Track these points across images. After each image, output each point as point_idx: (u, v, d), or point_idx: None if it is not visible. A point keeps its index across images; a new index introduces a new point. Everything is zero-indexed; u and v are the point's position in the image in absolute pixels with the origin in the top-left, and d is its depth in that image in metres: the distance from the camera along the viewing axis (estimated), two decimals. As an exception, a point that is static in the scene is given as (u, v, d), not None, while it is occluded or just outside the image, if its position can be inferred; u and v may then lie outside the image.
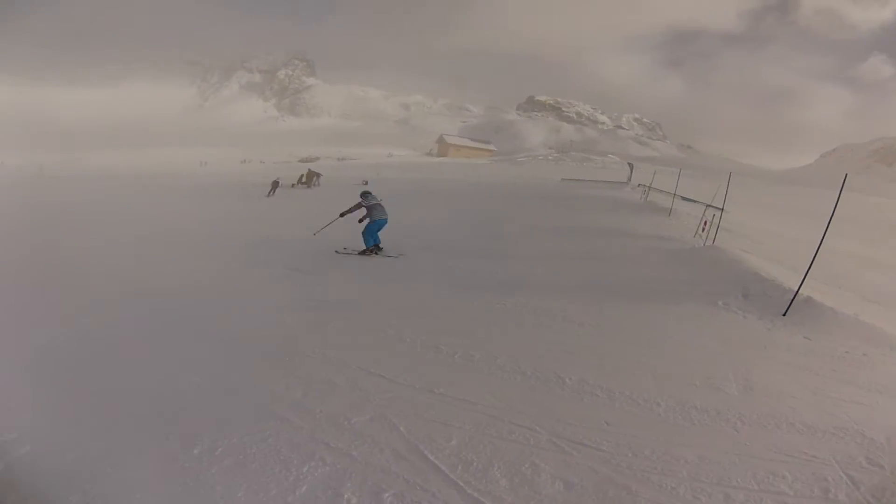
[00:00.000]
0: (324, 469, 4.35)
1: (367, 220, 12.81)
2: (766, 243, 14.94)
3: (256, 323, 8.27)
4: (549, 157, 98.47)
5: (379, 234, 12.87)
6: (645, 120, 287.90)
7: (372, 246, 12.83)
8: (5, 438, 4.73)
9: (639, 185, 28.38)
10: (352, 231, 13.53)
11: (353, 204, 13.18)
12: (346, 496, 4.03)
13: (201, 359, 6.74)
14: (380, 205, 13.04)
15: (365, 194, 13.24)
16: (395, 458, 4.49)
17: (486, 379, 6.14)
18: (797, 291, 8.71)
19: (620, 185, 30.59)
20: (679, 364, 6.60)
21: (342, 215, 13.25)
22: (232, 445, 4.67)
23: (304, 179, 35.03)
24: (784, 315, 8.45)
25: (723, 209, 14.34)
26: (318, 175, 35.74)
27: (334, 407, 5.37)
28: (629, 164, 43.31)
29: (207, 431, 4.88)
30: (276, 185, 31.92)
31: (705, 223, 14.03)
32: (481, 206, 23.32)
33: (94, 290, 10.05)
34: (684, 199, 20.38)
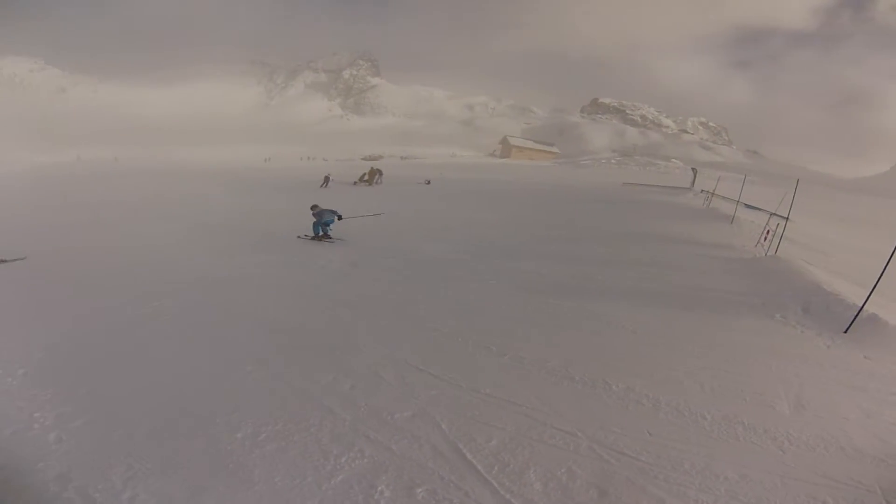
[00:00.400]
0: (362, 461, 4.51)
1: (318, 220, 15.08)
2: (831, 255, 14.46)
3: (312, 316, 8.47)
4: (613, 161, 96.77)
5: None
6: (711, 124, 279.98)
7: (320, 234, 15.03)
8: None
9: (702, 190, 27.84)
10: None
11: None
12: (379, 488, 4.19)
13: (253, 349, 7.02)
14: (327, 210, 15.19)
15: (314, 207, 15.33)
16: (434, 455, 4.61)
17: (533, 381, 6.20)
18: (861, 307, 8.36)
19: (683, 191, 29.99)
20: (730, 377, 6.49)
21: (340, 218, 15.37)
22: (276, 432, 4.89)
23: (366, 177, 35.42)
24: (845, 332, 8.14)
25: (788, 218, 13.93)
26: (380, 173, 36.06)
27: (379, 401, 5.54)
28: (693, 169, 42.44)
29: (252, 417, 5.12)
30: (327, 179, 33.59)
31: (768, 232, 13.67)
32: (543, 208, 23.34)
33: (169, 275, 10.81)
34: (748, 206, 19.85)
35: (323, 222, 15.08)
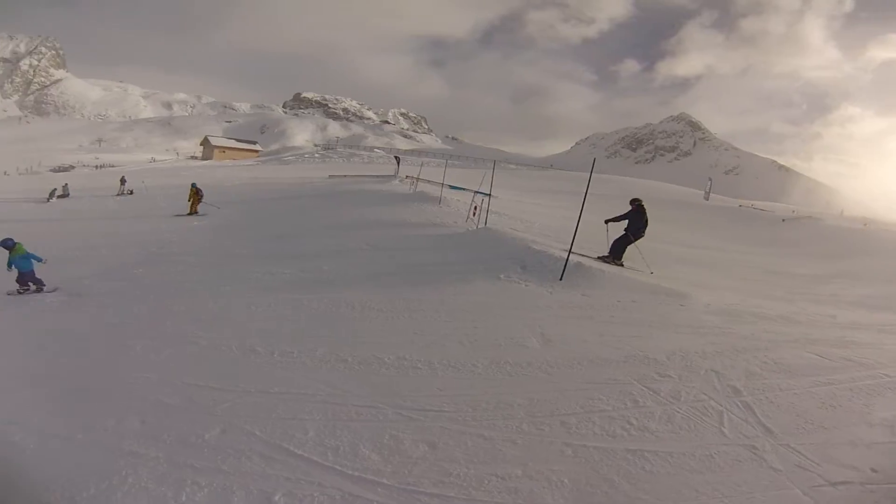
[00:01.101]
0: (203, 492, 4.07)
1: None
2: (534, 222, 16.44)
3: (49, 361, 7.11)
4: (317, 155, 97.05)
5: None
6: (411, 114, 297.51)
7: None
8: None
9: (407, 176, 29.15)
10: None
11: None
12: None
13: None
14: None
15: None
16: (265, 461, 4.38)
17: (312, 372, 6.22)
18: (567, 258, 9.98)
19: (389, 178, 30.65)
20: (482, 332, 7.27)
21: None
22: (93, 497, 4.20)
23: (60, 193, 30.27)
24: (561, 280, 9.63)
25: (490, 194, 15.51)
26: (66, 186, 31.47)
27: (180, 427, 4.96)
28: (395, 157, 44.41)
29: (57, 489, 4.33)
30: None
31: (475, 208, 15.08)
32: (254, 209, 22.36)
33: None
34: (453, 187, 21.39)
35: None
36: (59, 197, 28.97)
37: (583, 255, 11.17)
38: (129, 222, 19.44)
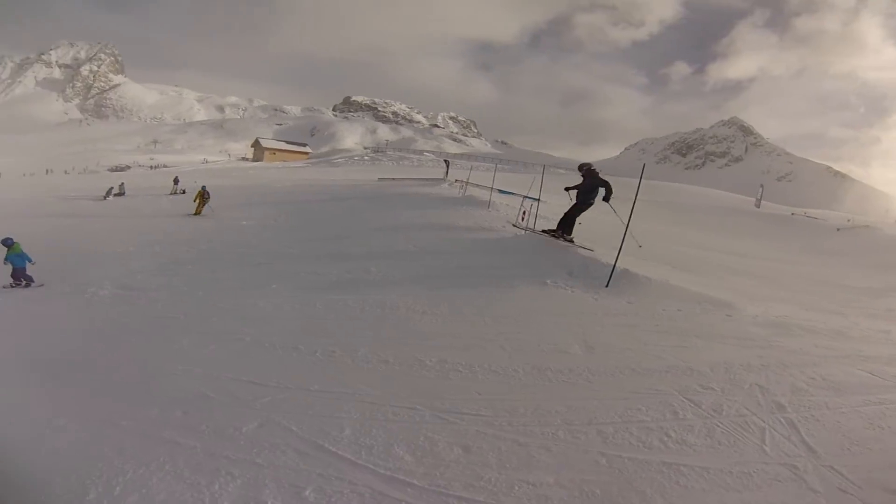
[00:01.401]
0: (236, 482, 4.20)
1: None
2: (582, 227, 16.21)
3: (97, 350, 7.47)
4: (366, 158, 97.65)
5: None
6: (460, 118, 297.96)
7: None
8: None
9: (456, 180, 28.95)
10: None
11: None
12: (269, 502, 4.00)
13: (50, 397, 6.22)
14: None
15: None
16: (299, 457, 4.49)
17: (353, 371, 6.31)
18: (614, 265, 9.83)
19: (438, 182, 30.66)
20: (524, 337, 7.25)
21: None
22: (131, 481, 4.26)
23: (116, 192, 31.43)
24: (607, 286, 9.50)
25: (539, 199, 15.40)
26: (122, 185, 32.65)
27: (219, 420, 5.11)
28: (445, 160, 44.31)
29: (93, 475, 4.36)
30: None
31: (524, 213, 15.00)
32: (303, 210, 22.40)
33: None
34: (501, 191, 21.28)
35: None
36: (115, 195, 30.08)
37: (533, 231, 12.30)
38: (181, 220, 19.92)
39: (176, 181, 33.24)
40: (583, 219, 12.64)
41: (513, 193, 20.42)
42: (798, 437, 4.71)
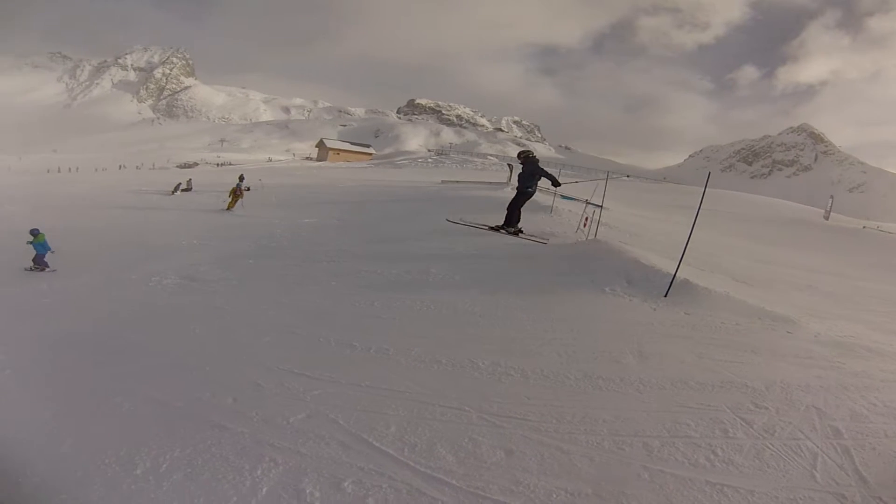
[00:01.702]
0: (277, 469, 4.38)
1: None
2: (643, 236, 16.02)
3: (161, 336, 7.91)
4: (430, 160, 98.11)
5: None
6: (524, 123, 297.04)
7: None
8: None
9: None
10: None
11: None
12: (308, 490, 4.12)
13: (112, 376, 6.56)
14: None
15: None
16: (343, 449, 4.62)
17: (405, 369, 6.41)
18: (674, 275, 9.65)
19: (501, 186, 30.32)
20: (579, 343, 7.21)
21: None
22: (177, 459, 4.54)
23: (184, 187, 32.85)
24: (665, 296, 9.34)
25: (601, 206, 15.23)
26: (190, 181, 33.94)
27: (268, 409, 5.35)
28: (509, 164, 44.15)
29: (143, 449, 4.69)
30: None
31: (586, 219, 14.86)
32: (366, 209, 22.86)
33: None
34: (564, 197, 21.05)
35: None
36: (182, 190, 31.39)
37: (471, 225, 12.65)
38: (245, 216, 20.42)
39: (241, 178, 34.15)
40: (646, 228, 12.44)
41: (575, 199, 20.19)
42: (851, 466, 4.50)
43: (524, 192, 12.51)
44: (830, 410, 5.44)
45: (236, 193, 24.01)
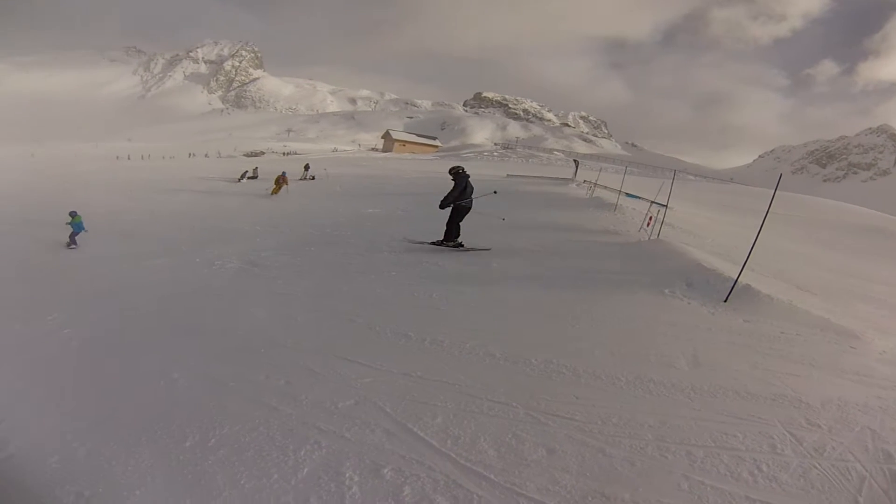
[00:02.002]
0: (321, 451, 4.61)
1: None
2: (707, 238, 15.62)
3: (225, 318, 8.37)
4: (495, 154, 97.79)
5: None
6: (591, 118, 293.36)
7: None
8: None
9: (584, 181, 28.47)
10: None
11: None
12: (347, 474, 4.31)
13: (173, 354, 6.96)
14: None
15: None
16: (387, 437, 4.81)
17: (457, 362, 6.53)
18: (736, 280, 9.41)
19: (566, 182, 30.33)
20: (633, 345, 7.15)
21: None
22: (224, 436, 4.86)
23: (250, 175, 34.14)
24: (725, 301, 9.11)
25: (667, 206, 14.99)
26: (256, 169, 35.19)
27: (318, 393, 5.65)
28: (574, 160, 43.73)
29: (194, 423, 5.07)
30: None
31: (650, 219, 14.65)
32: (429, 201, 22.88)
33: None
34: (629, 195, 20.80)
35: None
36: (249, 178, 32.62)
37: (415, 242, 12.70)
38: (309, 204, 20.92)
39: (306, 168, 35.17)
40: (710, 230, 12.17)
41: (640, 198, 19.90)
42: (896, 493, 4.39)
43: (459, 206, 12.62)
44: (885, 433, 5.23)
45: (278, 182, 26.21)
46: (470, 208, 12.97)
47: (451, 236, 12.89)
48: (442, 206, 12.83)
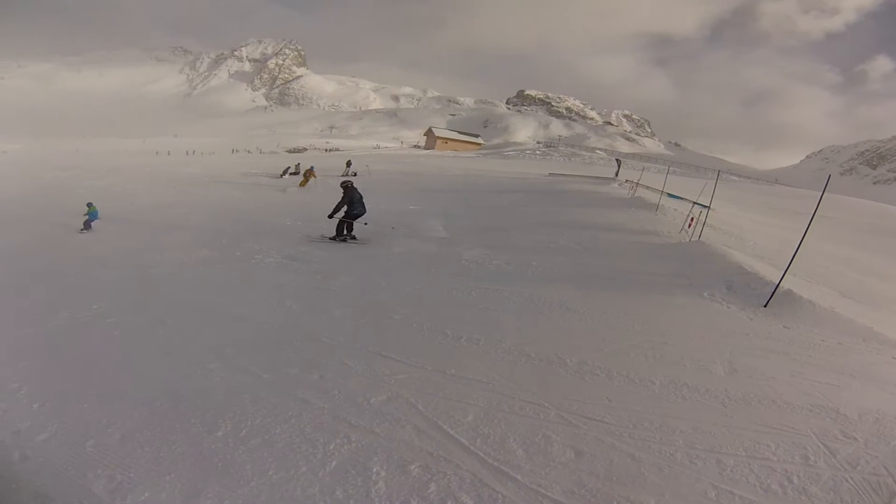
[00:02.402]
0: (350, 446, 4.72)
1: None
2: (749, 240, 15.35)
3: (262, 310, 8.57)
4: (538, 152, 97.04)
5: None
6: (634, 116, 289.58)
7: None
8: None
9: (626, 180, 28.10)
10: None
11: None
12: (374, 469, 4.42)
13: (211, 345, 7.15)
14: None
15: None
16: (417, 434, 4.91)
17: (492, 361, 6.59)
18: (778, 285, 9.26)
19: (608, 181, 29.76)
20: (669, 348, 7.12)
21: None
22: (256, 427, 5.02)
23: (292, 170, 34.57)
24: (765, 306, 8.98)
25: (709, 207, 14.77)
26: (298, 165, 35.75)
27: (351, 388, 5.77)
28: (617, 160, 43.25)
29: (228, 414, 5.23)
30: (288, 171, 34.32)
31: (692, 220, 14.46)
32: (472, 198, 23.38)
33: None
34: (671, 195, 20.51)
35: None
36: (290, 174, 33.08)
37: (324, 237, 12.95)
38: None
39: (348, 164, 35.62)
40: (753, 232, 11.95)
41: (682, 199, 19.61)
42: (928, 510, 4.28)
43: (358, 214, 13.89)
44: (923, 448, 5.12)
45: (306, 175, 28.73)
46: (360, 215, 14.14)
47: (340, 233, 13.90)
48: (330, 217, 13.86)
